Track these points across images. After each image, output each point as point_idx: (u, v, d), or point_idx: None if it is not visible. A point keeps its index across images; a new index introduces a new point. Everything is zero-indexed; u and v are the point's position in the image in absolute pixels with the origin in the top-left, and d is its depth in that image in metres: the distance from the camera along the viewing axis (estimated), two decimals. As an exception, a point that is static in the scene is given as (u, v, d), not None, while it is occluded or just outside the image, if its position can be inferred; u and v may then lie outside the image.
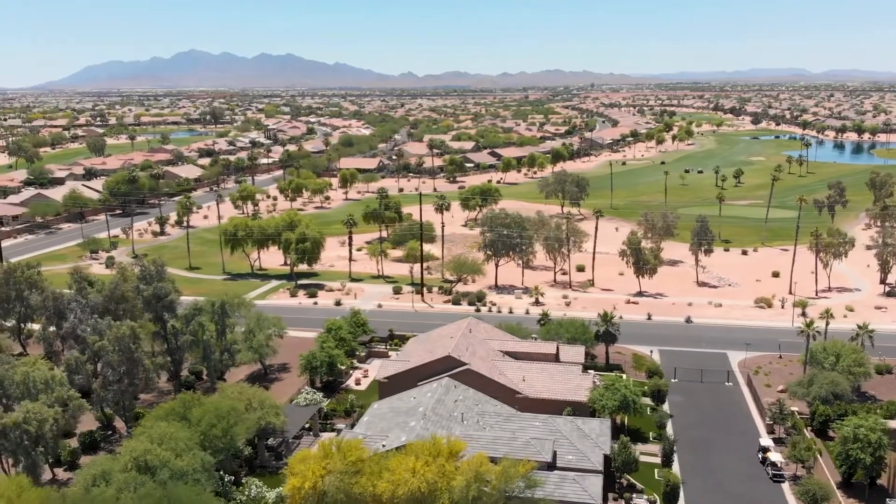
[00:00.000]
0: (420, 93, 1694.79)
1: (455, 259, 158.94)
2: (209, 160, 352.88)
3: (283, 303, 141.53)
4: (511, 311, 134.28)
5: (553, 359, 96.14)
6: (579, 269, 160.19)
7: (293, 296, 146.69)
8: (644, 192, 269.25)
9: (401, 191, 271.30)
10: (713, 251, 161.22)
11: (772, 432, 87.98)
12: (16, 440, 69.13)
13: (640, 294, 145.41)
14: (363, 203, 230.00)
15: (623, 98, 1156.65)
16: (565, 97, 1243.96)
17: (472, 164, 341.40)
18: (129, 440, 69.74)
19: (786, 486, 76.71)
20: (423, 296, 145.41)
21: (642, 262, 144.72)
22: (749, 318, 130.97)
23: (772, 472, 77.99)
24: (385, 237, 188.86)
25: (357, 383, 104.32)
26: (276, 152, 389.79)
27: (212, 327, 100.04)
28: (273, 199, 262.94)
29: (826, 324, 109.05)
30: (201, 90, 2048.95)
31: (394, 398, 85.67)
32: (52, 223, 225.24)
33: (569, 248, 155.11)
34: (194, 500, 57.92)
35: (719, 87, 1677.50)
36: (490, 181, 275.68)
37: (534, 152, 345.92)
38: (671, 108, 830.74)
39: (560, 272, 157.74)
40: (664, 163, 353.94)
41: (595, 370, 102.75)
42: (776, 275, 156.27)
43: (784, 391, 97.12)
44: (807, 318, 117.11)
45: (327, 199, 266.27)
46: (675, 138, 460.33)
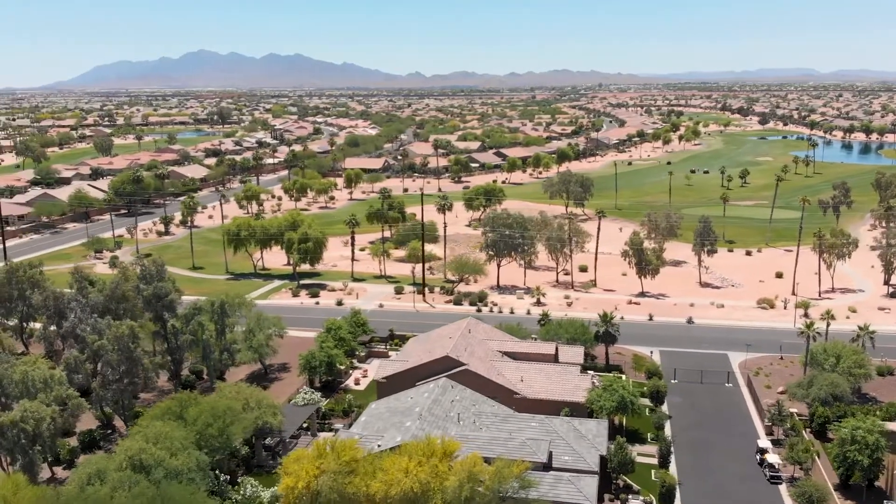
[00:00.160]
0: (427, 93, 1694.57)
1: (457, 259, 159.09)
2: (215, 160, 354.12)
3: (285, 303, 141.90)
4: (512, 312, 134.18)
5: (552, 359, 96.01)
6: (582, 269, 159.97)
7: (295, 296, 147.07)
8: (649, 193, 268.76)
9: (405, 191, 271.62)
10: (717, 252, 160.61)
11: (770, 434, 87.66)
12: (13, 439, 69.50)
13: (642, 294, 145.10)
14: (367, 203, 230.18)
15: (631, 98, 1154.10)
16: (573, 97, 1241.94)
17: (477, 165, 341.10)
18: (125, 439, 70.04)
19: (783, 487, 76.45)
20: (424, 296, 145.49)
21: (644, 263, 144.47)
22: (751, 318, 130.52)
23: (769, 473, 77.77)
24: (388, 237, 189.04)
25: (356, 383, 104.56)
26: (282, 152, 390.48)
27: (211, 327, 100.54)
28: (278, 199, 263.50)
29: (827, 325, 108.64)
30: (209, 90, 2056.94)
31: (391, 398, 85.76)
32: (57, 223, 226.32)
33: (571, 248, 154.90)
34: (188, 499, 58.03)
35: (727, 87, 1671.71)
36: (495, 181, 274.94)
37: (539, 152, 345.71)
38: (679, 108, 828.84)
39: (562, 272, 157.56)
40: (670, 163, 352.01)
41: (594, 371, 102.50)
42: (780, 276, 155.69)
43: (784, 392, 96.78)
44: (808, 319, 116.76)
45: (332, 199, 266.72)
46: (681, 138, 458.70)
